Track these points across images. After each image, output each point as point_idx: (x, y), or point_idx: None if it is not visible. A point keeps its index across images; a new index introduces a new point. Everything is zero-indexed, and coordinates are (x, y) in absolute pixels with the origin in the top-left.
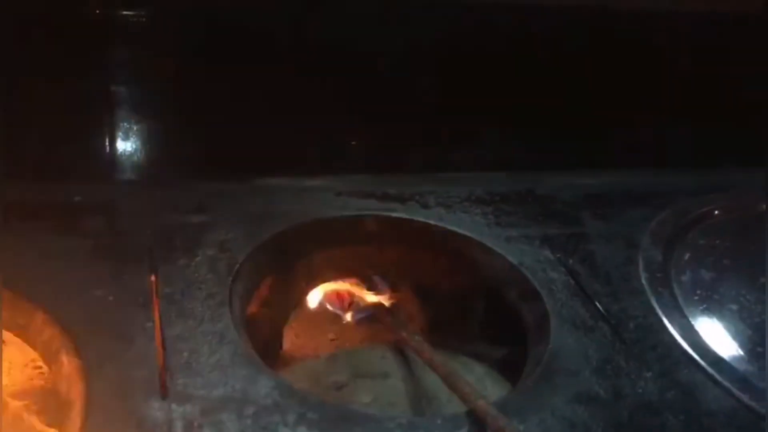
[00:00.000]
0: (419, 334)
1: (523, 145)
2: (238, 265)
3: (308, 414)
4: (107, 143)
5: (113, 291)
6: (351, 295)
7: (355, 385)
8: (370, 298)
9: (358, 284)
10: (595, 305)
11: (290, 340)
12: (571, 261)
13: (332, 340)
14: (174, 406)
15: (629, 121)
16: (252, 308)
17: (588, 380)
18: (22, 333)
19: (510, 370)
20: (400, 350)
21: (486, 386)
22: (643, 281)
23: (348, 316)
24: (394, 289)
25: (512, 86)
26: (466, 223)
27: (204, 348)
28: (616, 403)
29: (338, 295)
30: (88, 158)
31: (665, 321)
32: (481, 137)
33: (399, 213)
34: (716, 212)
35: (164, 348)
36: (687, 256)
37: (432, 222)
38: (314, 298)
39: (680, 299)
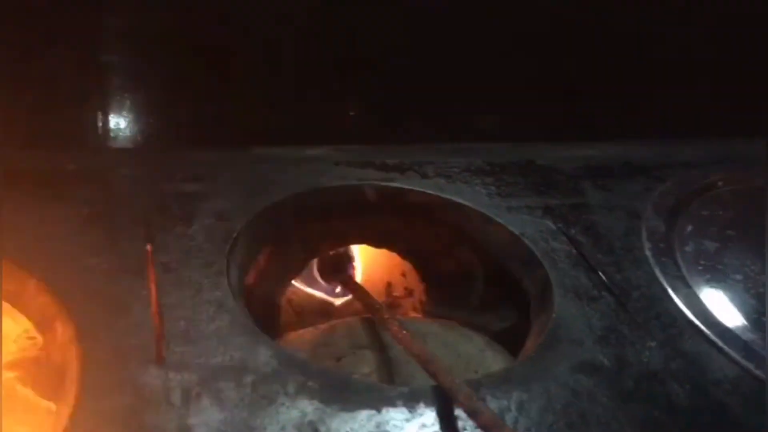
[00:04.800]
0: (385, 308)
1: (523, 115)
2: (235, 234)
3: (309, 383)
4: (101, 111)
5: (108, 259)
6: (342, 267)
7: (354, 356)
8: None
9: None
10: (599, 275)
11: (288, 312)
12: (573, 231)
13: (330, 312)
14: (171, 374)
15: (629, 93)
16: (249, 279)
17: (592, 349)
18: (15, 300)
19: (511, 341)
20: (399, 322)
21: (486, 357)
22: (647, 251)
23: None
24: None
25: (512, 58)
26: (466, 194)
27: (201, 316)
28: (620, 372)
29: (327, 268)
30: (82, 126)
31: (669, 290)
32: (480, 108)
33: (398, 183)
34: (719, 183)
35: (160, 316)
36: (690, 226)
37: (432, 192)
38: (312, 270)
39: (684, 269)
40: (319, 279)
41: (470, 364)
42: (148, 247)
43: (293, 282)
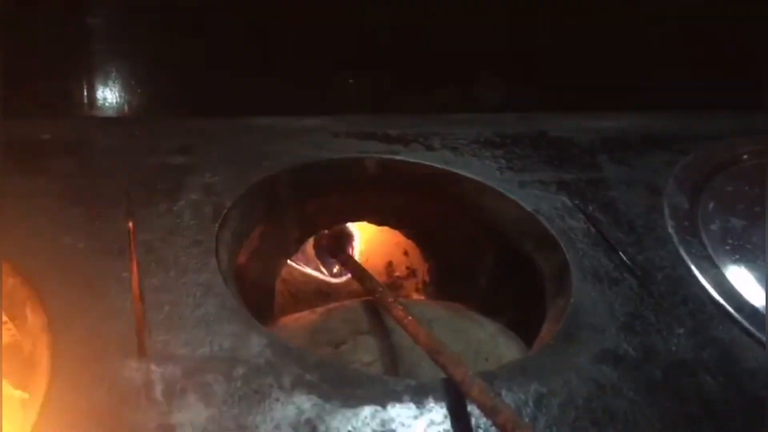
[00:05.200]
0: (388, 290)
1: (534, 84)
2: (225, 211)
3: (306, 375)
4: (82, 76)
5: (84, 238)
6: (340, 245)
7: (354, 342)
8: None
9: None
10: (619, 255)
11: (283, 294)
12: (590, 208)
13: (327, 293)
14: (153, 366)
15: (647, 60)
16: (240, 260)
17: (615, 337)
18: None
19: (524, 326)
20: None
21: (499, 344)
22: (670, 230)
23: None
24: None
25: (522, 22)
26: (475, 167)
27: (187, 300)
28: (647, 362)
29: (325, 246)
30: (60, 93)
31: (696, 272)
32: (489, 76)
33: (402, 155)
34: (745, 156)
35: (142, 301)
36: (715, 203)
37: (438, 165)
38: (308, 248)
39: (710, 249)
40: (315, 258)
41: (480, 352)
42: (130, 224)
43: (289, 262)
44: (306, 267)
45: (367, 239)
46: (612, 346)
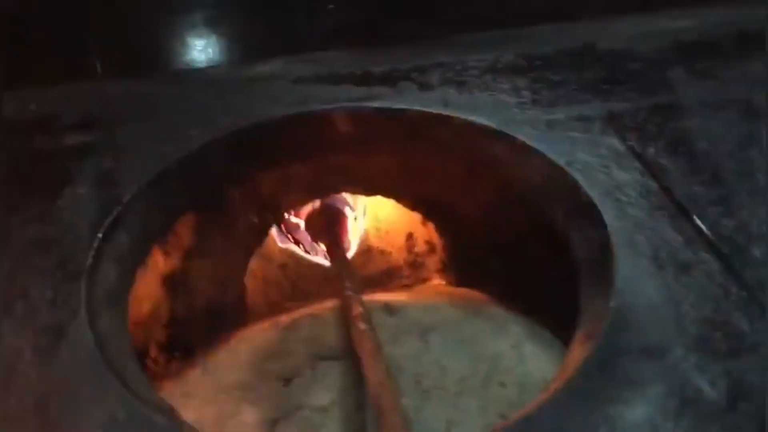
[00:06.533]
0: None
1: None
2: (120, 207)
3: None
4: None
5: None
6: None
7: (312, 374)
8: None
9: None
10: (695, 222)
11: (280, 285)
12: (652, 150)
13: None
14: None
15: None
16: (167, 265)
17: (684, 363)
18: None
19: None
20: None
21: (524, 357)
22: None
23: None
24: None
25: None
26: (487, 107)
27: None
28: (734, 410)
29: (316, 223)
30: None
31: None
32: None
33: (386, 100)
34: None
35: None
36: None
37: (430, 110)
38: (279, 233)
39: None
40: (310, 240)
41: (494, 374)
42: None
43: (288, 246)
44: (300, 249)
45: (385, 205)
46: (679, 380)
